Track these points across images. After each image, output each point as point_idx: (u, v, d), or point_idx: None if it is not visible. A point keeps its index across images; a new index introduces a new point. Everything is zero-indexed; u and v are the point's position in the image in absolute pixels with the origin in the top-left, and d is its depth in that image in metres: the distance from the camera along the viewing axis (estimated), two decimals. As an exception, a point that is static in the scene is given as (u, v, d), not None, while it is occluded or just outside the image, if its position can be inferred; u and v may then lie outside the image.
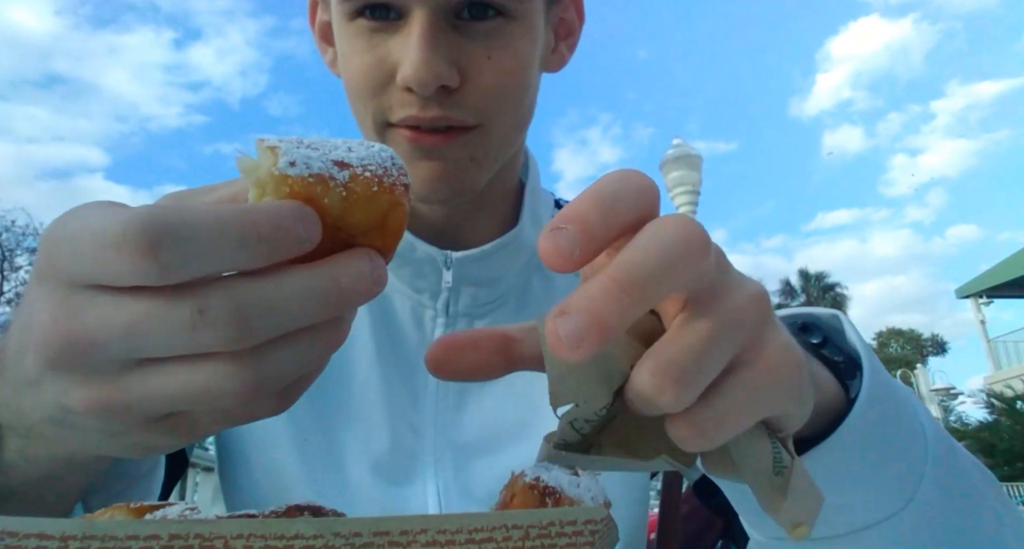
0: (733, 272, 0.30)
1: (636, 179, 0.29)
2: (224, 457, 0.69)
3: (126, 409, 0.28)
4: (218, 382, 0.27)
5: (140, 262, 0.24)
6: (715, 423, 0.28)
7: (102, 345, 0.26)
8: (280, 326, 0.27)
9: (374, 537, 0.23)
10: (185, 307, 0.25)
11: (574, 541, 0.24)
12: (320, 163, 0.27)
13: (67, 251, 0.27)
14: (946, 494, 0.41)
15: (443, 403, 0.66)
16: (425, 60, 0.54)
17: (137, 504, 0.26)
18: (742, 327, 0.28)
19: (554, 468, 0.30)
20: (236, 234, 0.25)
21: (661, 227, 0.27)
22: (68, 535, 0.22)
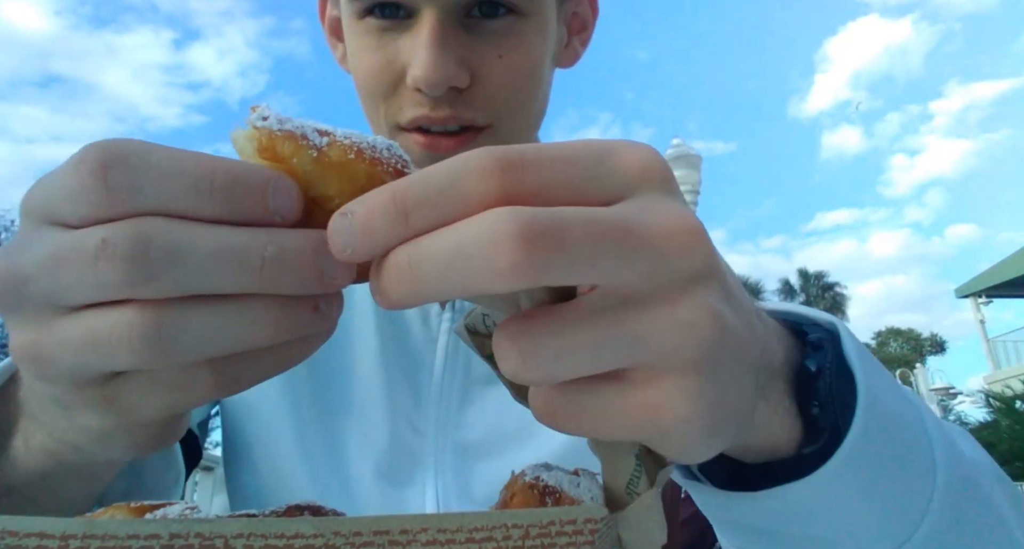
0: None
1: (472, 185, 0.24)
2: (229, 454, 0.69)
3: (50, 360, 0.26)
4: (119, 331, 0.24)
5: (89, 181, 0.24)
6: (564, 417, 0.26)
7: (30, 280, 0.25)
8: (185, 279, 0.24)
9: (374, 536, 0.23)
10: (93, 236, 0.24)
11: (574, 540, 0.24)
12: (297, 123, 0.25)
13: (36, 189, 0.26)
14: (955, 533, 0.37)
15: (446, 402, 0.66)
16: (434, 61, 0.53)
17: (137, 503, 0.26)
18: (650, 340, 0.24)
19: (554, 468, 0.30)
20: (191, 173, 0.24)
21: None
22: (68, 534, 0.22)
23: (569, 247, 0.22)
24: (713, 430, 0.26)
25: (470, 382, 0.66)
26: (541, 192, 0.24)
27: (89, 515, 0.26)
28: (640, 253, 0.24)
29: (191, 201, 0.24)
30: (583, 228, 0.23)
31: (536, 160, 0.25)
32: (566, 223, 0.23)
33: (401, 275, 0.23)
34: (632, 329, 0.24)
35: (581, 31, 0.70)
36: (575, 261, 0.23)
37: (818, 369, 0.34)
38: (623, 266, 0.24)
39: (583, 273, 0.23)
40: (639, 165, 0.26)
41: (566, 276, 0.23)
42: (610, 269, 0.24)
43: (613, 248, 0.23)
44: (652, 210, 0.25)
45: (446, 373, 0.66)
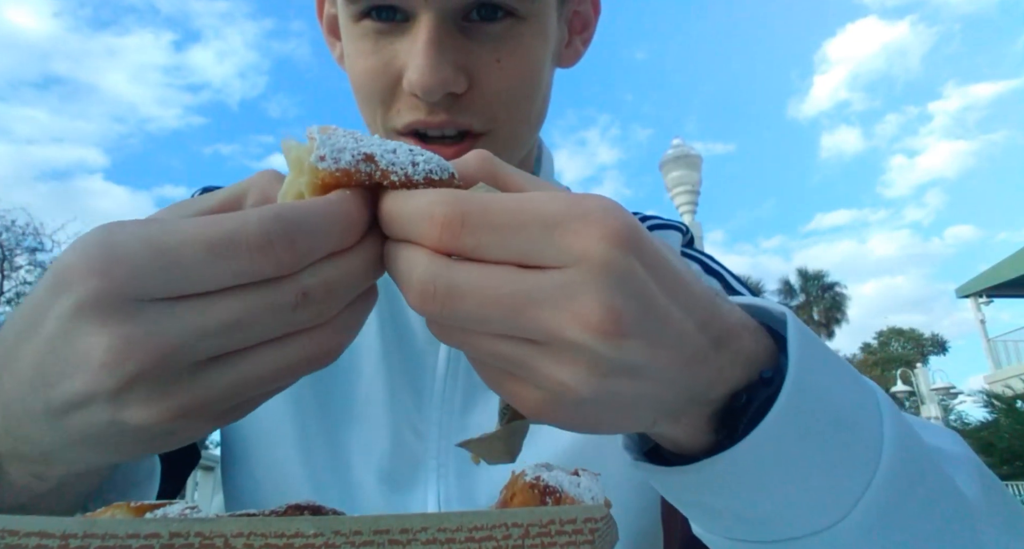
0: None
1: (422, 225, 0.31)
2: (227, 456, 0.69)
3: (204, 407, 0.30)
4: (309, 350, 0.31)
5: (285, 260, 0.29)
6: (489, 379, 0.33)
7: (188, 351, 0.28)
8: (349, 295, 0.32)
9: (374, 535, 0.23)
10: (289, 292, 0.29)
11: (574, 539, 0.24)
12: (348, 158, 0.31)
13: (131, 268, 0.28)
14: (897, 517, 0.37)
15: (448, 406, 0.65)
16: (431, 66, 0.53)
17: (137, 503, 0.26)
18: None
19: (555, 468, 0.30)
20: (330, 228, 0.30)
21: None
22: (69, 533, 0.22)
23: (459, 312, 0.29)
24: (573, 430, 0.33)
25: (473, 385, 0.65)
26: (473, 251, 0.29)
27: (89, 514, 0.26)
28: (530, 329, 0.29)
29: (334, 243, 0.31)
30: (477, 299, 0.29)
31: (479, 222, 0.29)
32: (462, 293, 0.29)
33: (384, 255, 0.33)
34: (524, 363, 0.30)
35: (583, 30, 0.69)
36: (465, 320, 0.29)
37: (746, 402, 0.35)
38: (514, 332, 0.29)
39: (475, 327, 0.30)
40: (583, 246, 0.28)
41: (460, 325, 0.30)
42: (500, 330, 0.30)
43: (502, 320, 0.29)
44: (568, 295, 0.28)
45: (448, 375, 0.66)
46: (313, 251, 0.30)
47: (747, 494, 0.36)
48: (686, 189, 7.44)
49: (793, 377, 0.34)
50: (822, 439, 0.36)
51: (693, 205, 7.47)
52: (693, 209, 7.47)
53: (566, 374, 0.29)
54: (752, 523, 0.39)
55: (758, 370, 0.36)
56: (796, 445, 0.35)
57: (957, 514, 0.40)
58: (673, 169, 7.48)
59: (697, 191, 7.51)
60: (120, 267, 0.27)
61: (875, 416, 0.39)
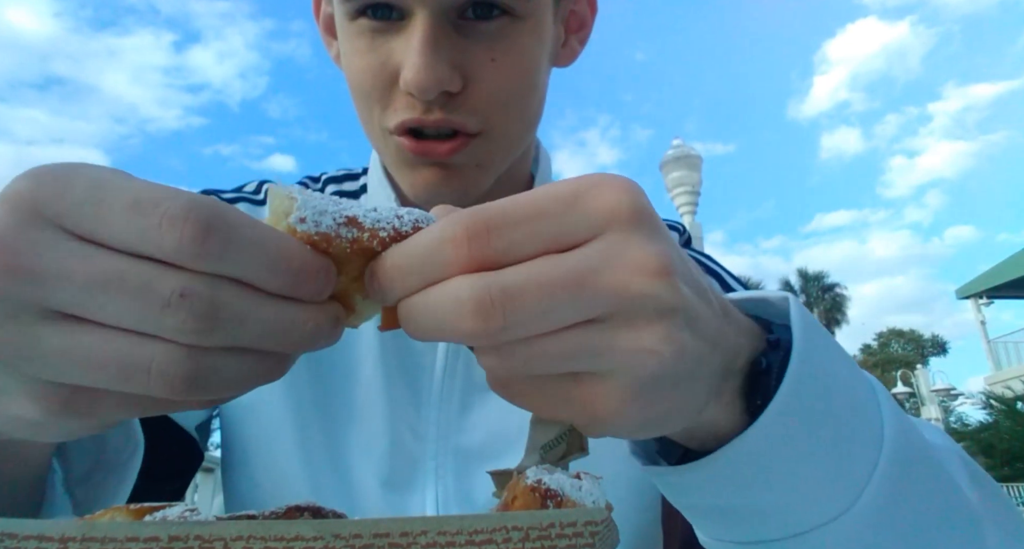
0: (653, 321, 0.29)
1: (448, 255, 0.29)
2: (227, 458, 0.69)
3: (28, 360, 0.27)
4: (157, 366, 0.27)
5: (189, 237, 0.26)
6: (514, 393, 0.31)
7: (46, 287, 0.26)
8: (237, 338, 0.28)
9: (374, 539, 0.23)
10: (169, 284, 0.26)
11: (574, 543, 0.24)
12: (329, 222, 0.29)
13: (82, 196, 0.27)
14: (901, 503, 0.38)
15: (446, 406, 0.65)
16: (426, 65, 0.53)
17: (137, 506, 0.26)
18: (603, 360, 0.29)
19: (556, 471, 0.30)
20: (273, 255, 0.28)
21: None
22: (67, 537, 0.22)
23: (522, 312, 0.27)
24: (644, 428, 0.32)
25: (471, 386, 0.65)
26: (507, 253, 0.28)
27: (88, 517, 0.26)
28: (599, 299, 0.28)
29: (264, 276, 0.28)
30: (535, 291, 0.27)
31: (502, 222, 0.29)
32: (518, 291, 0.27)
33: (406, 323, 0.30)
34: (598, 347, 0.29)
35: (579, 30, 0.69)
36: (531, 321, 0.28)
37: (767, 366, 0.37)
38: (583, 312, 0.28)
39: (542, 327, 0.28)
40: (607, 206, 0.29)
41: (525, 331, 0.28)
42: (570, 317, 0.28)
43: (569, 303, 0.28)
44: (615, 253, 0.29)
45: (447, 376, 0.66)
46: (225, 255, 0.26)
47: (759, 484, 0.37)
48: (686, 190, 7.45)
49: (799, 347, 0.36)
50: (829, 415, 0.37)
51: (693, 205, 7.48)
52: (693, 209, 7.48)
53: (646, 337, 0.28)
54: (761, 520, 0.39)
55: (762, 340, 0.38)
56: (807, 422, 0.36)
57: (953, 501, 0.42)
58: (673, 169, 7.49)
59: (697, 191, 7.51)
60: (56, 184, 0.27)
61: (872, 398, 0.40)
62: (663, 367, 0.29)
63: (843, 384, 0.38)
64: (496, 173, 0.62)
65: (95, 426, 0.31)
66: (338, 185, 0.77)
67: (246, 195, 0.74)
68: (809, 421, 0.36)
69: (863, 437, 0.38)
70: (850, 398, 0.38)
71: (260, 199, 0.73)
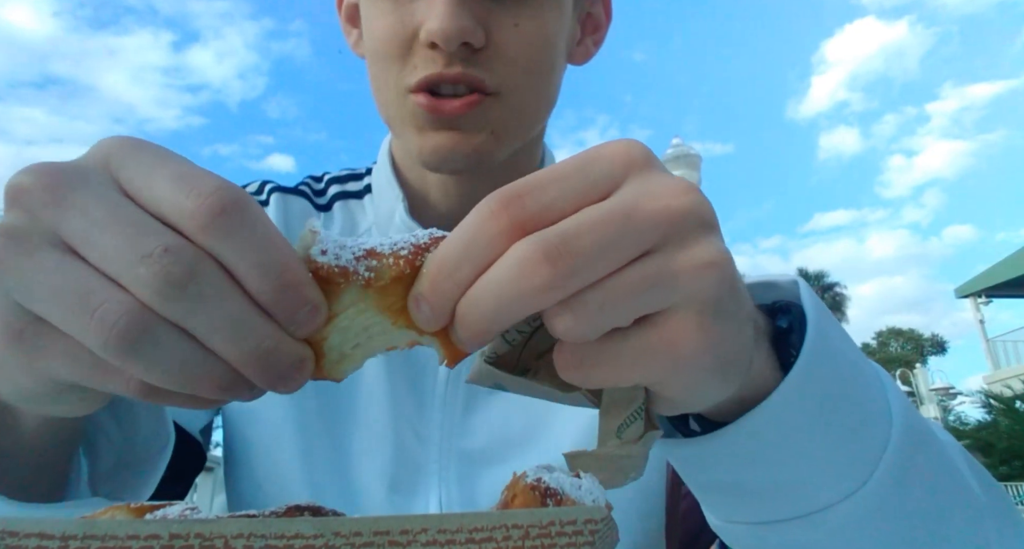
0: (697, 235, 0.30)
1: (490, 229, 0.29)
2: (229, 460, 0.69)
3: (16, 276, 0.27)
4: (104, 311, 0.26)
5: (201, 212, 0.26)
6: (593, 363, 0.30)
7: (67, 214, 0.27)
8: (196, 319, 0.27)
9: (374, 536, 0.23)
10: (161, 239, 0.26)
11: (574, 541, 0.24)
12: (348, 256, 0.29)
13: (146, 161, 0.28)
14: (910, 482, 0.39)
15: (450, 409, 0.65)
16: (451, 13, 0.54)
17: (137, 504, 0.26)
18: (677, 289, 0.29)
19: (556, 470, 0.30)
20: (272, 259, 0.27)
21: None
22: (69, 535, 0.22)
23: (585, 251, 0.27)
24: (723, 367, 0.31)
25: (474, 389, 0.65)
26: (545, 212, 0.29)
27: (89, 515, 0.26)
28: (648, 225, 0.28)
29: (255, 274, 0.27)
30: (589, 231, 0.28)
31: (531, 187, 0.29)
32: (574, 233, 0.28)
33: (468, 323, 0.29)
34: (661, 274, 0.28)
35: (594, 32, 0.71)
36: (595, 258, 0.28)
37: (789, 325, 0.39)
38: (639, 242, 0.28)
39: (607, 264, 0.28)
40: (620, 157, 0.31)
41: (594, 273, 0.28)
42: (628, 249, 0.28)
43: (622, 234, 0.28)
44: (645, 188, 0.30)
45: (450, 379, 0.66)
46: (229, 237, 0.27)
47: (776, 458, 0.37)
48: (686, 189, 7.43)
49: (813, 320, 0.38)
50: (843, 391, 0.38)
51: (693, 205, 7.46)
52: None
53: (700, 252, 0.29)
54: (775, 498, 0.39)
55: (769, 323, 0.40)
56: (823, 395, 0.37)
57: (958, 487, 0.43)
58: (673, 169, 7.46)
59: (697, 191, 7.50)
60: (131, 147, 0.29)
61: (878, 380, 0.42)
62: (723, 280, 0.29)
63: (852, 363, 0.40)
64: (507, 146, 0.62)
65: (41, 387, 0.31)
66: (341, 185, 0.77)
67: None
68: (825, 394, 0.37)
69: (874, 416, 0.39)
70: (859, 376, 0.40)
71: (262, 200, 0.73)
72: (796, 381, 0.36)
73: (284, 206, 0.73)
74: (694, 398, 0.32)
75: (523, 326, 0.33)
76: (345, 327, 0.30)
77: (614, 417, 0.33)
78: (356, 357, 0.31)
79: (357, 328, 0.30)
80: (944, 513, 0.41)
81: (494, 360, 0.34)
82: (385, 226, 0.69)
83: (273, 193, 0.74)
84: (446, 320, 0.29)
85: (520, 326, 0.33)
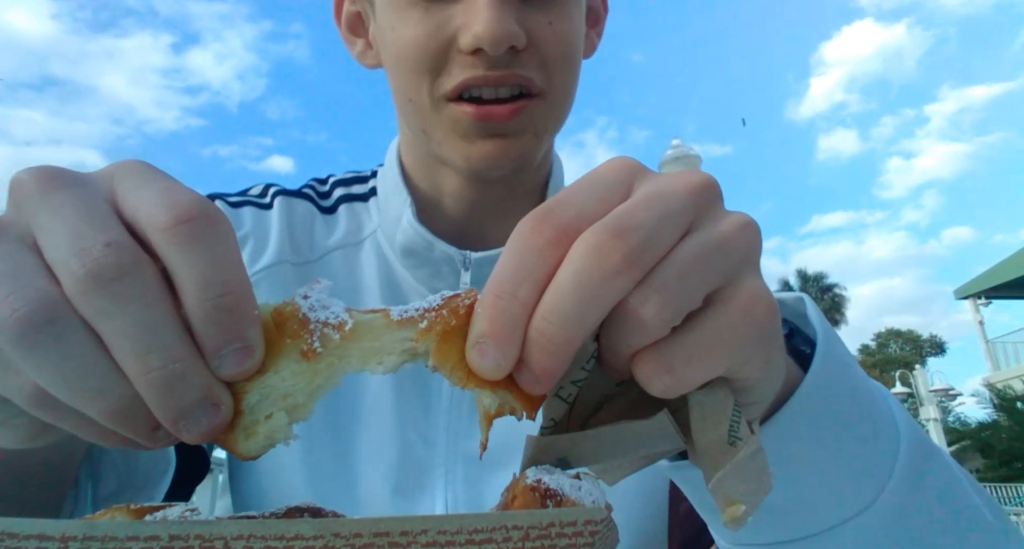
0: (720, 206, 0.32)
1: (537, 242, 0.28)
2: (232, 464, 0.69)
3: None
4: (17, 294, 0.25)
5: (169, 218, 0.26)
6: (684, 359, 0.28)
7: (42, 214, 0.27)
8: (108, 318, 0.25)
9: (374, 538, 0.23)
10: (107, 235, 0.26)
11: (574, 542, 0.24)
12: (323, 316, 0.28)
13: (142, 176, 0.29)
14: (920, 495, 0.39)
15: (456, 411, 0.65)
16: (498, 18, 0.54)
17: (137, 505, 0.26)
18: (730, 253, 0.29)
19: (556, 471, 0.30)
20: (219, 275, 0.26)
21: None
22: (68, 536, 0.22)
23: (645, 223, 0.27)
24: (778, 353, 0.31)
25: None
26: (580, 215, 0.29)
27: (89, 517, 0.26)
28: (683, 196, 0.29)
29: (194, 289, 0.26)
30: (638, 209, 0.28)
31: (557, 201, 0.29)
32: (628, 212, 0.28)
33: (546, 340, 0.27)
34: (715, 238, 0.29)
35: (596, 24, 0.73)
36: (657, 228, 0.27)
37: (790, 331, 0.41)
38: (682, 211, 0.29)
39: (670, 233, 0.28)
40: (621, 165, 0.31)
41: (660, 243, 0.28)
42: (678, 218, 0.28)
43: (667, 206, 0.28)
44: (658, 180, 0.31)
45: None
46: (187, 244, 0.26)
47: (788, 476, 0.37)
48: (685, 190, 7.43)
49: (822, 337, 0.38)
50: (852, 407, 0.38)
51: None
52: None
53: (732, 216, 0.30)
54: (785, 518, 0.39)
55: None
56: (834, 410, 0.37)
57: (967, 506, 0.43)
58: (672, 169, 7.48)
59: (696, 192, 7.50)
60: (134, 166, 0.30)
61: (883, 398, 0.42)
62: (760, 238, 0.31)
63: (859, 380, 0.40)
64: (546, 143, 0.64)
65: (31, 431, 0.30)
66: (346, 188, 0.77)
67: (251, 199, 0.74)
68: (836, 406, 0.38)
69: (882, 428, 0.39)
70: (866, 393, 0.40)
71: (266, 203, 0.73)
72: (809, 390, 0.36)
73: (288, 209, 0.73)
74: (771, 375, 0.32)
75: (578, 372, 0.30)
76: (270, 387, 0.28)
77: (714, 426, 0.30)
78: (263, 433, 0.28)
79: (278, 394, 0.28)
80: (954, 534, 0.41)
81: (552, 428, 0.32)
82: (392, 229, 0.69)
83: (277, 196, 0.73)
84: (515, 354, 0.27)
85: (575, 374, 0.30)
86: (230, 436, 0.28)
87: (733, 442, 0.30)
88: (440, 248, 0.65)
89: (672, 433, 0.30)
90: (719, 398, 0.31)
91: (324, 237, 0.72)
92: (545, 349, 0.27)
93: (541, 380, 0.28)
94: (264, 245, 0.69)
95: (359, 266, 0.70)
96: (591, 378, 0.31)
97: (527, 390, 0.28)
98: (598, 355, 0.30)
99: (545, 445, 0.31)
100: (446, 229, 0.67)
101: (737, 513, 0.29)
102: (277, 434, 0.28)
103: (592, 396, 0.32)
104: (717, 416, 0.30)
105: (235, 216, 0.71)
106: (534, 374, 0.27)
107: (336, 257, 0.71)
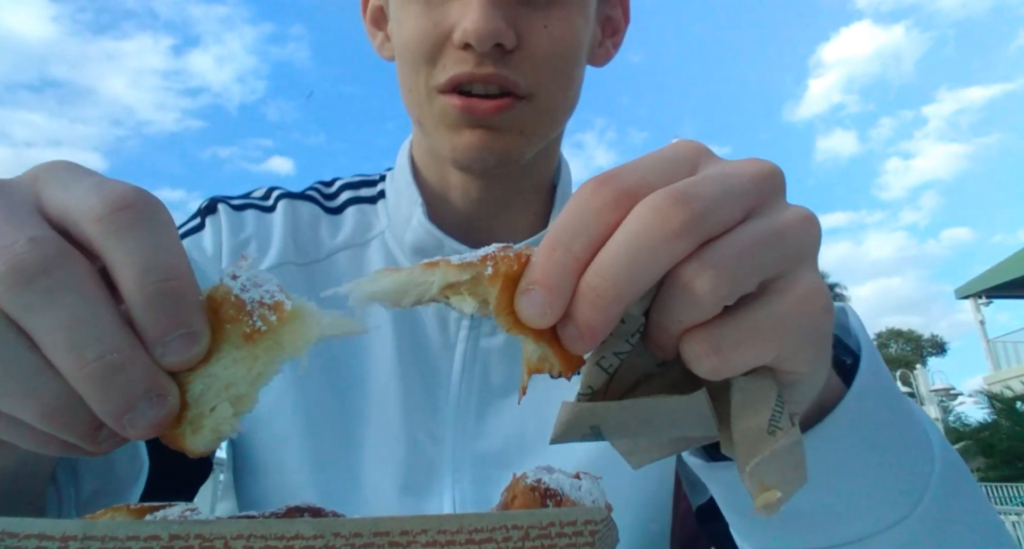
0: (783, 196, 0.31)
1: (597, 202, 0.28)
2: (238, 466, 0.68)
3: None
4: None
5: (102, 205, 0.26)
6: (734, 341, 0.28)
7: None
8: (36, 315, 0.24)
9: (374, 537, 0.23)
10: (32, 230, 0.25)
11: (574, 541, 0.24)
12: (257, 294, 0.27)
13: (67, 176, 0.28)
14: (953, 508, 0.39)
15: (464, 411, 0.65)
16: (485, 15, 0.55)
17: (138, 505, 0.26)
18: (790, 243, 0.29)
19: (556, 471, 0.30)
20: (158, 261, 0.25)
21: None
22: (68, 535, 0.22)
23: (708, 196, 0.27)
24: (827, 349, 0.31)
25: (488, 391, 0.65)
26: (642, 182, 0.28)
27: (89, 516, 0.26)
28: (746, 180, 0.29)
29: (132, 276, 0.25)
30: (703, 182, 0.28)
31: (620, 168, 0.29)
32: (693, 183, 0.28)
33: (597, 294, 0.27)
34: (775, 225, 0.29)
35: (613, 34, 0.73)
36: (719, 202, 0.27)
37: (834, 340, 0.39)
38: (745, 194, 0.29)
39: (730, 210, 0.28)
40: (687, 146, 0.31)
41: (720, 217, 0.27)
42: (740, 199, 0.28)
43: (729, 185, 0.28)
44: (723, 163, 0.31)
45: (464, 381, 0.66)
46: (125, 232, 0.25)
47: (826, 482, 0.37)
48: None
49: (866, 346, 0.39)
50: (893, 417, 0.39)
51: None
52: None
53: (794, 207, 0.30)
54: (819, 525, 0.39)
55: None
56: (876, 418, 0.38)
57: (999, 528, 0.43)
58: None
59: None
60: (58, 168, 0.29)
61: (913, 410, 0.42)
62: (819, 234, 0.30)
63: (896, 393, 0.40)
64: (535, 145, 0.63)
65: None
66: (355, 190, 0.77)
67: (254, 201, 0.74)
68: (877, 418, 0.38)
69: (918, 443, 0.39)
70: (903, 405, 0.40)
71: (269, 205, 0.73)
72: (854, 401, 0.36)
73: (292, 211, 0.73)
74: (817, 372, 0.32)
75: (623, 346, 0.30)
76: (212, 376, 0.26)
77: (755, 413, 0.30)
78: (209, 426, 0.27)
79: (221, 384, 0.27)
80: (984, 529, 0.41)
81: (590, 395, 0.31)
82: (401, 229, 0.69)
83: (281, 199, 0.73)
84: (562, 305, 0.27)
85: (619, 345, 0.30)
86: (177, 431, 0.26)
87: (773, 431, 0.30)
88: (449, 245, 0.65)
89: (707, 415, 0.30)
90: (763, 386, 0.30)
91: (330, 237, 0.72)
92: (593, 304, 0.27)
93: (584, 335, 0.27)
94: (267, 247, 0.69)
95: (366, 265, 0.71)
96: (633, 355, 0.31)
97: (568, 347, 0.28)
98: (644, 331, 0.30)
99: (580, 411, 0.30)
100: (454, 226, 0.67)
101: (772, 499, 0.29)
102: (223, 426, 0.27)
103: (632, 374, 0.32)
104: (759, 404, 0.30)
105: (238, 219, 0.71)
106: (578, 328, 0.27)
107: (342, 257, 0.71)
